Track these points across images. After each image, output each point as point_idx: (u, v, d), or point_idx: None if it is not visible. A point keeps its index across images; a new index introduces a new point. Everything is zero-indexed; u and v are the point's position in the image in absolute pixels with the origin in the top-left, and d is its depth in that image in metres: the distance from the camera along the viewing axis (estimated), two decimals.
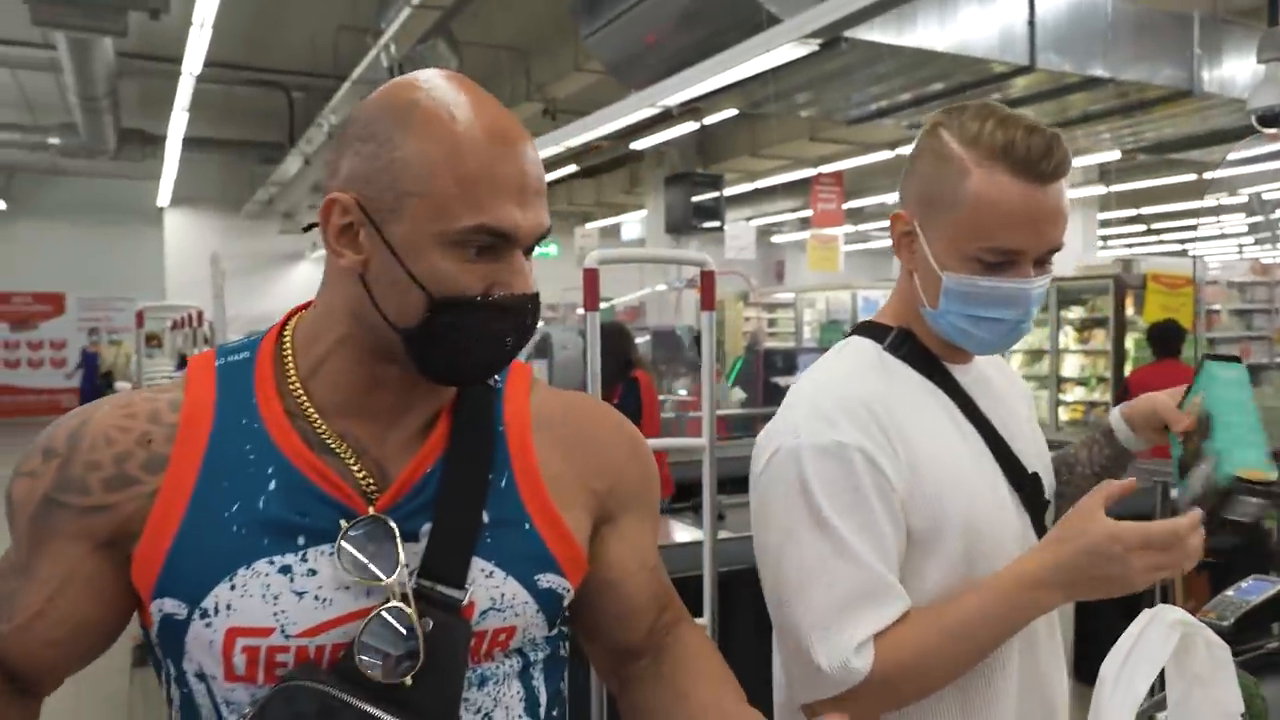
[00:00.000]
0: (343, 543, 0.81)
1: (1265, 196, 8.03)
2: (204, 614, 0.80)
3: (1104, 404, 9.25)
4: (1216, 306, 9.74)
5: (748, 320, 16.66)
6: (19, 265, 15.52)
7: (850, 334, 1.21)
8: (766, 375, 7.95)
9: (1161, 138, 8.68)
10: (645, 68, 5.99)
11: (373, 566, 0.80)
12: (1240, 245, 13.93)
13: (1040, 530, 1.16)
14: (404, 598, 0.80)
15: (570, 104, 9.61)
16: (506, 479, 0.89)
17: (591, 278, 1.88)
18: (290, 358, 0.87)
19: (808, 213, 11.95)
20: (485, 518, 0.86)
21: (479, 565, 0.85)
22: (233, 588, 0.80)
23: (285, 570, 0.80)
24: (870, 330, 1.18)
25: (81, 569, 0.82)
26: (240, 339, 0.91)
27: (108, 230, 15.55)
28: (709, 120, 9.17)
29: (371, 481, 0.84)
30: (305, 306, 0.92)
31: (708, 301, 2.04)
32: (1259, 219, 9.15)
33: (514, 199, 0.80)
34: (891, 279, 1.32)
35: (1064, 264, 11.80)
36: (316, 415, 0.85)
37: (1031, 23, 5.53)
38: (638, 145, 10.14)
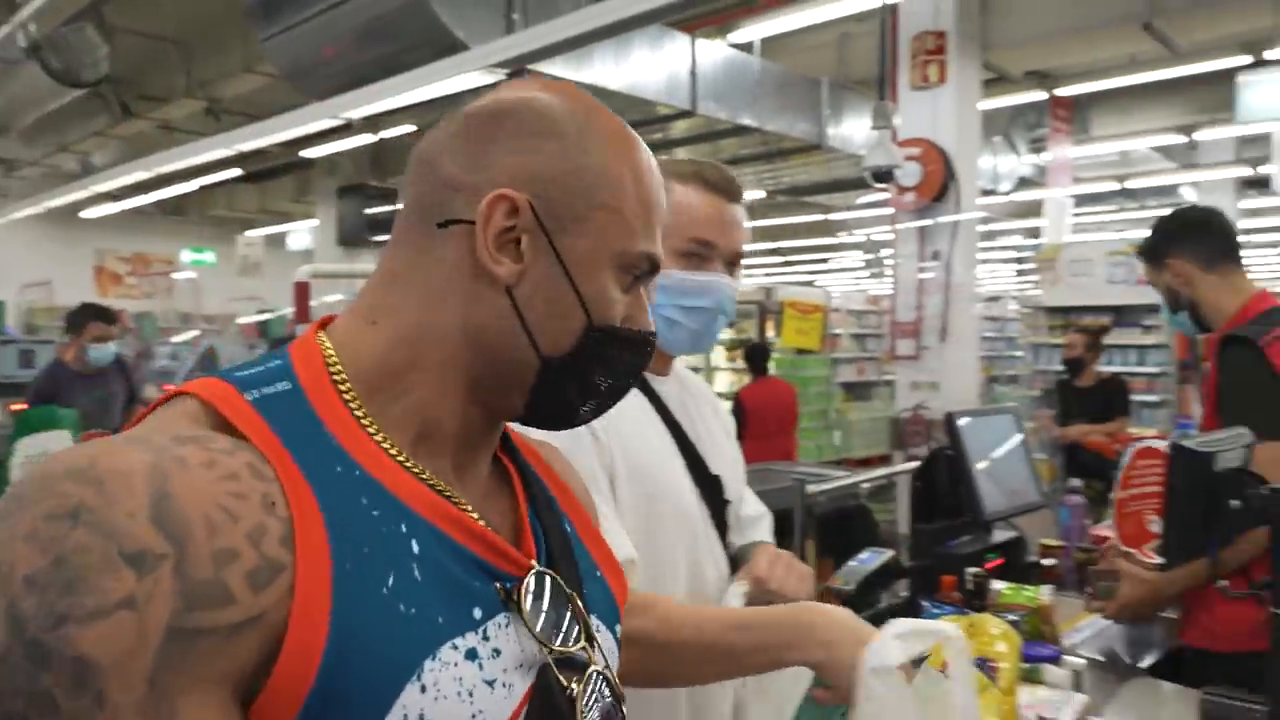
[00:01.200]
0: (529, 607, 0.68)
1: (874, 238, 9.40)
2: None
3: None
4: (839, 331, 11.22)
5: None
6: None
7: None
8: None
9: (796, 183, 9.86)
10: (324, 78, 5.89)
11: (571, 635, 0.71)
12: (856, 278, 16.07)
13: (719, 523, 1.41)
14: (583, 667, 0.71)
15: (238, 105, 9.10)
16: (567, 523, 0.81)
17: (302, 291, 1.91)
18: (345, 383, 0.68)
19: None
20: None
21: (593, 621, 0.75)
22: (423, 689, 0.60)
23: (472, 655, 0.64)
24: None
25: None
26: (249, 363, 0.69)
27: None
28: (386, 134, 9.09)
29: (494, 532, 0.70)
30: (332, 319, 0.75)
31: None
32: (870, 257, 10.72)
33: (659, 233, 0.77)
34: None
35: None
36: (408, 456, 0.68)
37: (694, 72, 6.12)
38: (309, 153, 9.82)
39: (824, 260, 18.25)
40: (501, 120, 0.71)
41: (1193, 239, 2.11)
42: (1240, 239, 2.13)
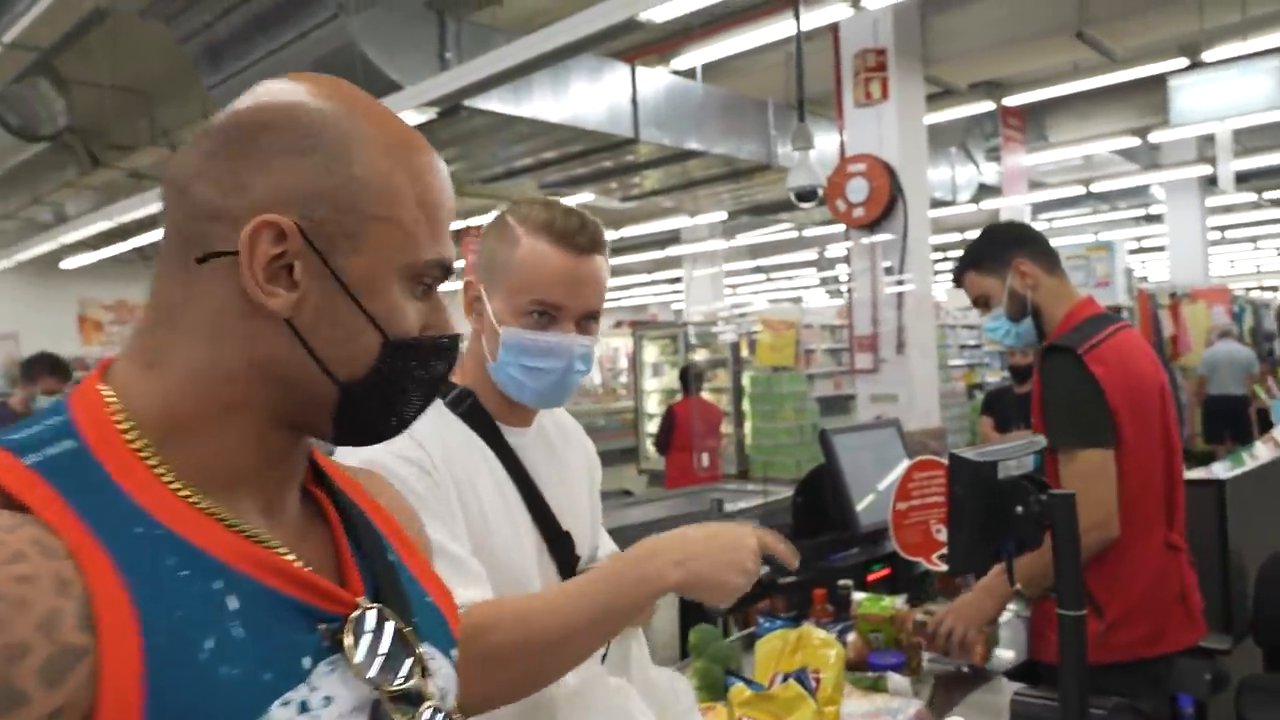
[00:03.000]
0: (357, 646, 0.65)
1: (828, 253, 9.52)
2: None
3: (728, 434, 10.36)
4: (814, 346, 11.29)
5: None
6: None
7: None
8: None
9: (757, 201, 9.95)
10: None
11: (402, 671, 0.68)
12: (829, 293, 16.16)
13: (567, 578, 1.35)
14: (417, 701, 0.68)
15: None
16: (392, 551, 0.78)
17: None
18: (131, 433, 0.63)
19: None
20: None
21: (425, 650, 0.72)
22: None
23: (304, 708, 0.61)
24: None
25: None
26: (25, 422, 0.63)
27: None
28: None
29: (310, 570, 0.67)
30: (109, 362, 0.68)
31: None
32: (826, 274, 10.84)
33: (447, 232, 0.72)
34: None
35: (695, 311, 13.14)
36: (210, 503, 0.63)
37: (634, 100, 6.22)
38: None
39: (790, 279, 18.25)
40: (256, 135, 0.65)
41: (1032, 242, 2.09)
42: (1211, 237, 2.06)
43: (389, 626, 0.68)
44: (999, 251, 2.09)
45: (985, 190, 9.81)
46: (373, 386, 0.68)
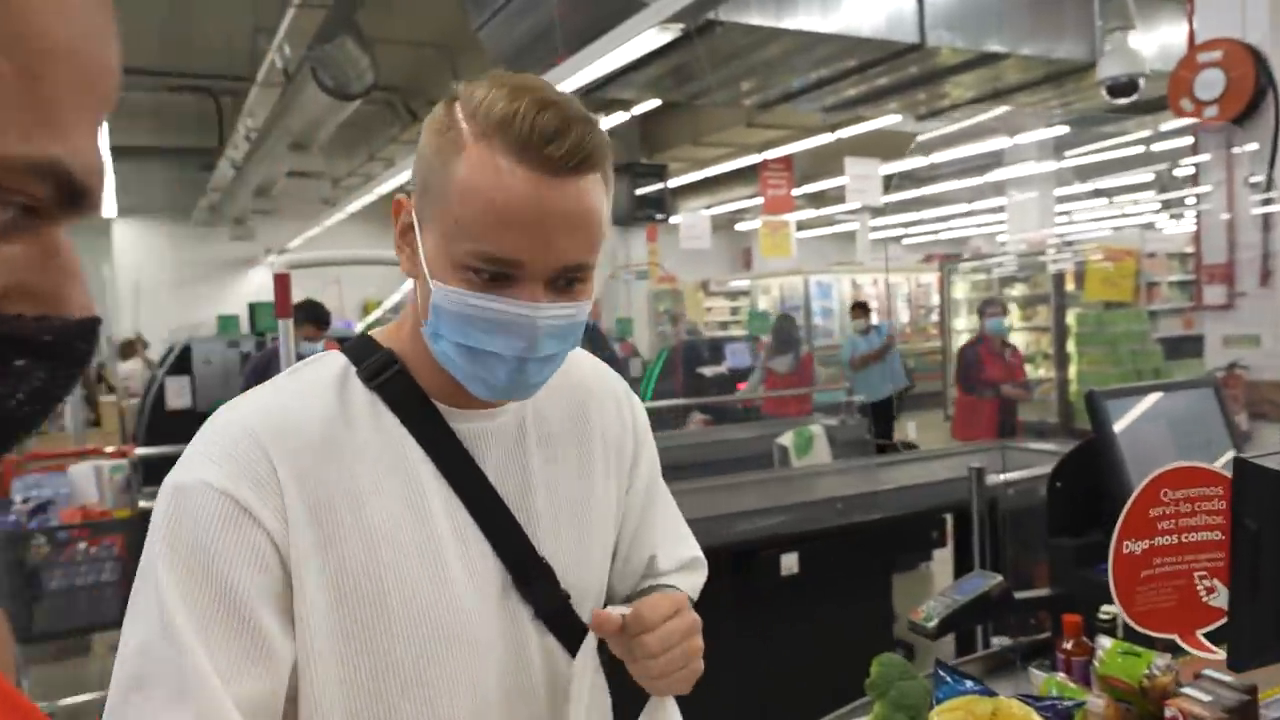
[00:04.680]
0: None
1: (1175, 173, 7.95)
2: None
3: (1050, 380, 9.28)
4: (1157, 279, 9.68)
5: (710, 310, 16.60)
6: None
7: (345, 343, 0.97)
8: (691, 366, 7.84)
9: (1089, 109, 8.55)
10: (535, 60, 5.88)
11: None
12: (1172, 216, 13.83)
13: (556, 627, 0.96)
14: None
15: None
16: None
17: (282, 283, 1.78)
18: None
19: None
20: None
21: None
22: None
23: None
24: (358, 347, 0.95)
25: None
26: None
27: None
28: (638, 110, 9.05)
29: None
30: None
31: None
32: (1170, 195, 9.10)
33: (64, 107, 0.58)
34: (848, 261, 1.12)
35: (1018, 240, 11.75)
36: None
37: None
38: None
39: (1135, 203, 15.92)
40: None
41: None
42: None
43: None
44: None
45: None
46: None
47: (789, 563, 3.31)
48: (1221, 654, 1.12)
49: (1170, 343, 9.18)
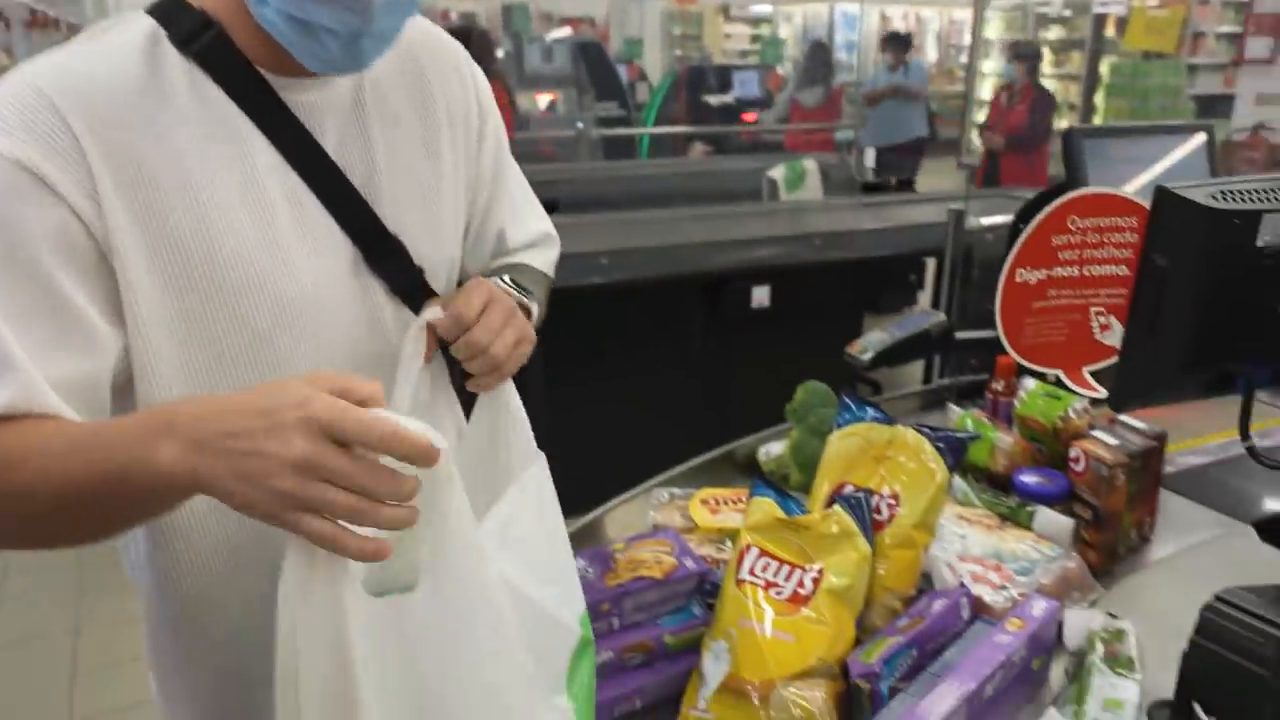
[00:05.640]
0: None
1: None
2: None
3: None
4: (1204, 29, 9.01)
5: (728, 37, 15.71)
6: None
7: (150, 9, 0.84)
8: (695, 93, 7.46)
9: None
10: None
11: None
12: None
13: (411, 302, 0.92)
14: None
15: None
16: None
17: None
18: None
19: None
20: None
21: None
22: None
23: None
24: (165, 6, 0.82)
25: None
26: None
27: None
28: None
29: None
30: None
31: None
32: None
33: None
34: None
35: None
36: None
37: None
38: None
39: None
40: None
41: None
42: None
43: None
44: None
45: None
46: None
47: (760, 295, 3.28)
48: (1101, 393, 1.08)
49: (1204, 101, 8.68)
